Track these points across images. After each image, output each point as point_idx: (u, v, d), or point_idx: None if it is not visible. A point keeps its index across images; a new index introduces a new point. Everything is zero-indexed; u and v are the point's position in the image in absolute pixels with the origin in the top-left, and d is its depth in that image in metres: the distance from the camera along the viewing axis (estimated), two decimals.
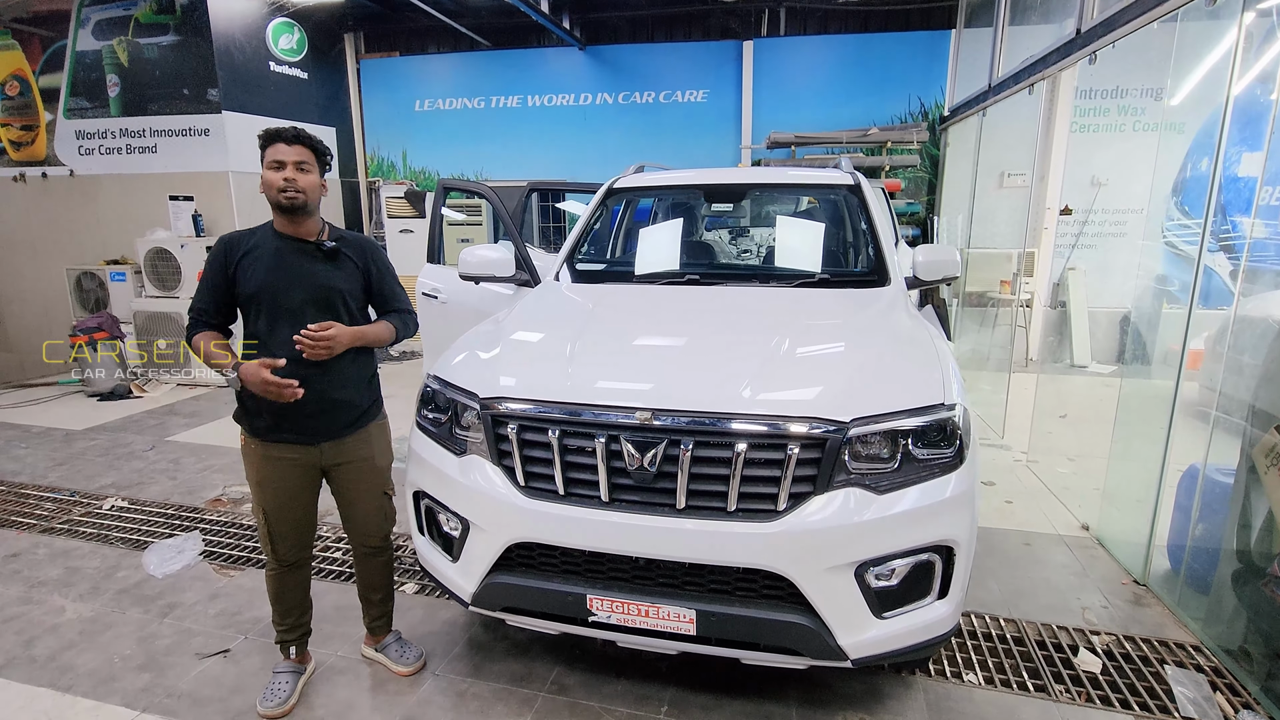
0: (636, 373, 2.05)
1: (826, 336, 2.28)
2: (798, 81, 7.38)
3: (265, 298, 2.05)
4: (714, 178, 3.48)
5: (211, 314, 2.10)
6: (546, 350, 2.25)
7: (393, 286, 2.32)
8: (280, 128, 2.05)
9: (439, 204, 4.11)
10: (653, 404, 1.87)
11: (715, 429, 1.82)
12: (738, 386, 1.91)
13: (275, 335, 2.06)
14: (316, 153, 2.09)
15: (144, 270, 6.52)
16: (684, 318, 2.52)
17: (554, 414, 1.94)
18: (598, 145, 7.86)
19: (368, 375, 2.28)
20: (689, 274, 3.01)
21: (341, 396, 2.17)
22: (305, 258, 2.11)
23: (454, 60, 8.03)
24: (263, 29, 6.89)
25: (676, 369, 2.05)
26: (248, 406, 2.12)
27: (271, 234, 2.11)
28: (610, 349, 2.27)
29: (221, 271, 2.07)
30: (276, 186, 2.02)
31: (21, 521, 3.68)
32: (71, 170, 7.04)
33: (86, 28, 6.64)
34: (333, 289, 2.13)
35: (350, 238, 2.23)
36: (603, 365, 2.14)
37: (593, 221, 3.58)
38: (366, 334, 2.17)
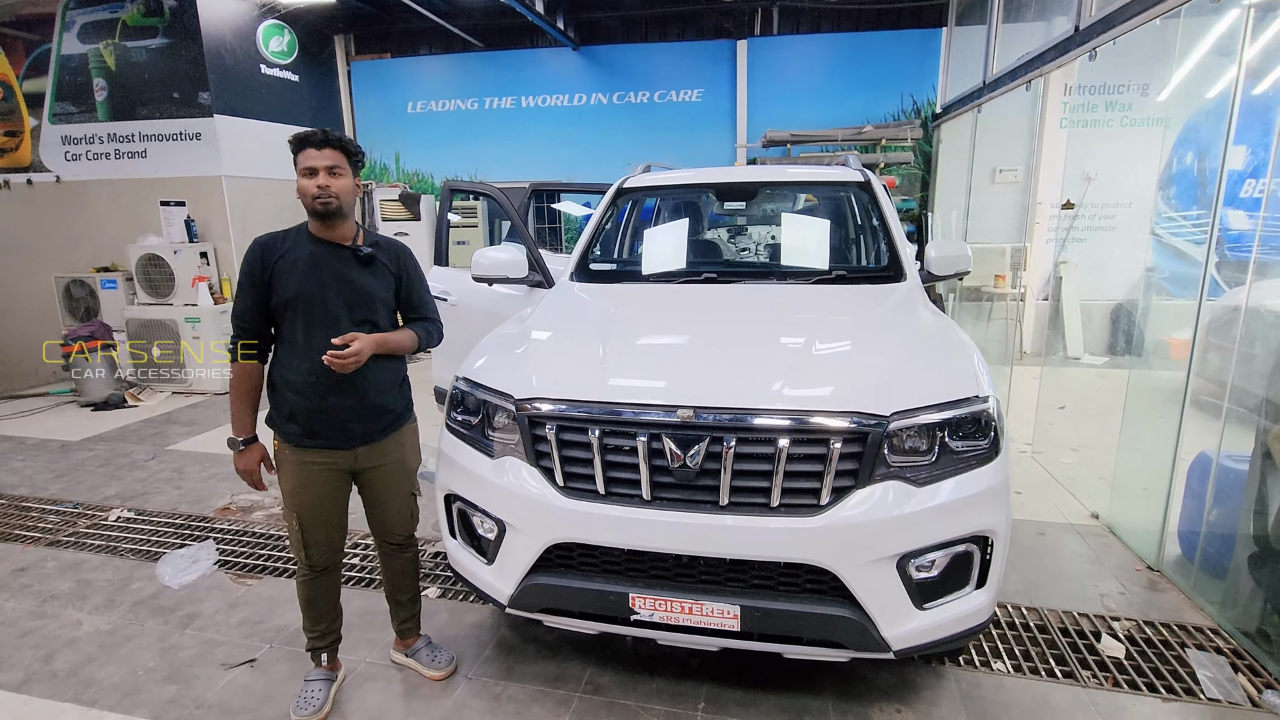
0: (673, 371, 2.06)
1: (855, 331, 2.30)
2: (792, 80, 7.42)
3: (302, 304, 2.04)
4: (726, 176, 3.50)
5: (254, 322, 2.08)
6: (578, 351, 2.25)
7: (422, 294, 2.31)
8: (309, 132, 2.03)
9: (445, 207, 4.09)
10: (695, 402, 1.88)
11: (758, 425, 1.83)
12: (777, 382, 1.93)
13: (312, 341, 2.05)
14: (348, 154, 2.07)
15: (136, 277, 6.42)
16: (709, 316, 2.53)
17: (594, 414, 1.94)
18: (593, 146, 7.86)
19: (399, 379, 2.28)
20: (705, 272, 3.02)
21: (378, 401, 2.16)
22: (341, 263, 2.09)
23: (446, 61, 7.99)
24: (253, 31, 6.81)
25: (713, 366, 2.06)
26: (283, 411, 2.11)
27: (306, 238, 2.09)
28: (642, 348, 2.28)
29: (260, 275, 2.05)
30: (310, 194, 2.00)
31: (26, 535, 3.61)
32: (58, 176, 6.92)
33: (71, 31, 6.52)
34: (370, 295, 2.12)
35: (385, 243, 2.23)
36: (638, 364, 2.15)
37: (604, 221, 3.58)
38: (389, 341, 2.15)
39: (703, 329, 2.39)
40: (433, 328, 2.34)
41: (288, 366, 2.08)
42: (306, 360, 2.05)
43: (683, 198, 4.21)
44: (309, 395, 2.06)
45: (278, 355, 2.13)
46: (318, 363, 2.01)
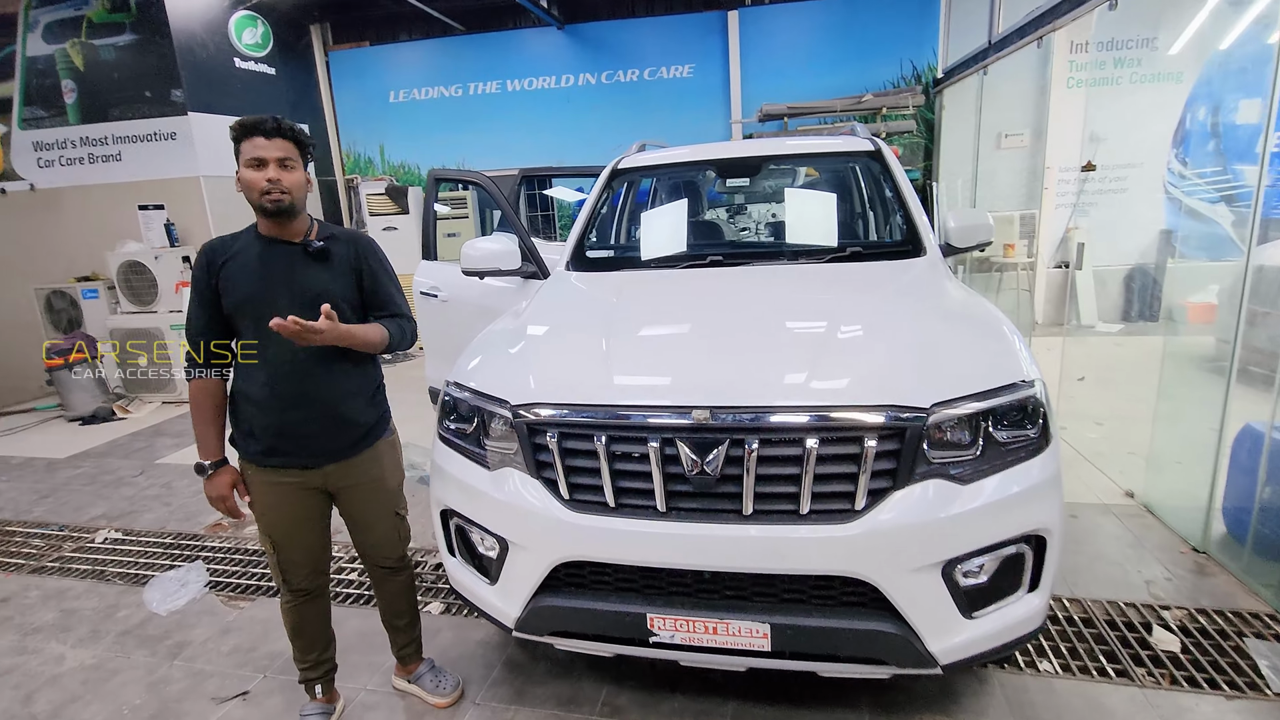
0: (684, 367, 1.86)
1: (879, 313, 2.10)
2: (786, 51, 7.16)
3: (251, 308, 1.84)
4: (727, 151, 3.28)
5: (209, 334, 1.89)
6: (578, 348, 2.06)
7: (388, 289, 2.07)
8: (258, 119, 1.80)
9: (431, 198, 3.88)
10: (711, 400, 1.69)
11: (782, 424, 1.64)
12: (800, 375, 1.74)
13: (267, 350, 1.86)
14: (300, 145, 1.86)
15: (118, 285, 6.20)
16: (719, 302, 2.33)
17: (599, 419, 1.75)
18: (582, 128, 7.60)
19: (372, 388, 2.06)
20: (709, 255, 2.81)
21: (344, 413, 1.96)
22: (292, 261, 1.89)
23: (427, 47, 7.71)
24: (224, 24, 6.54)
25: (728, 360, 1.86)
26: (242, 428, 1.93)
27: (255, 238, 1.90)
28: (648, 342, 2.08)
29: (206, 284, 1.87)
30: (259, 189, 1.78)
31: (9, 562, 3.44)
32: (32, 184, 6.68)
33: (36, 31, 6.26)
34: (327, 294, 1.89)
35: (341, 235, 2.00)
36: (645, 361, 1.96)
37: (599, 206, 3.37)
38: (355, 333, 1.88)
39: (712, 317, 2.19)
40: (406, 325, 2.09)
41: (245, 379, 1.90)
42: (262, 370, 1.87)
43: (681, 177, 4.00)
44: (267, 409, 1.88)
45: (235, 368, 1.94)
46: (275, 373, 1.84)
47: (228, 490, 1.92)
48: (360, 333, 1.92)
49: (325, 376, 1.89)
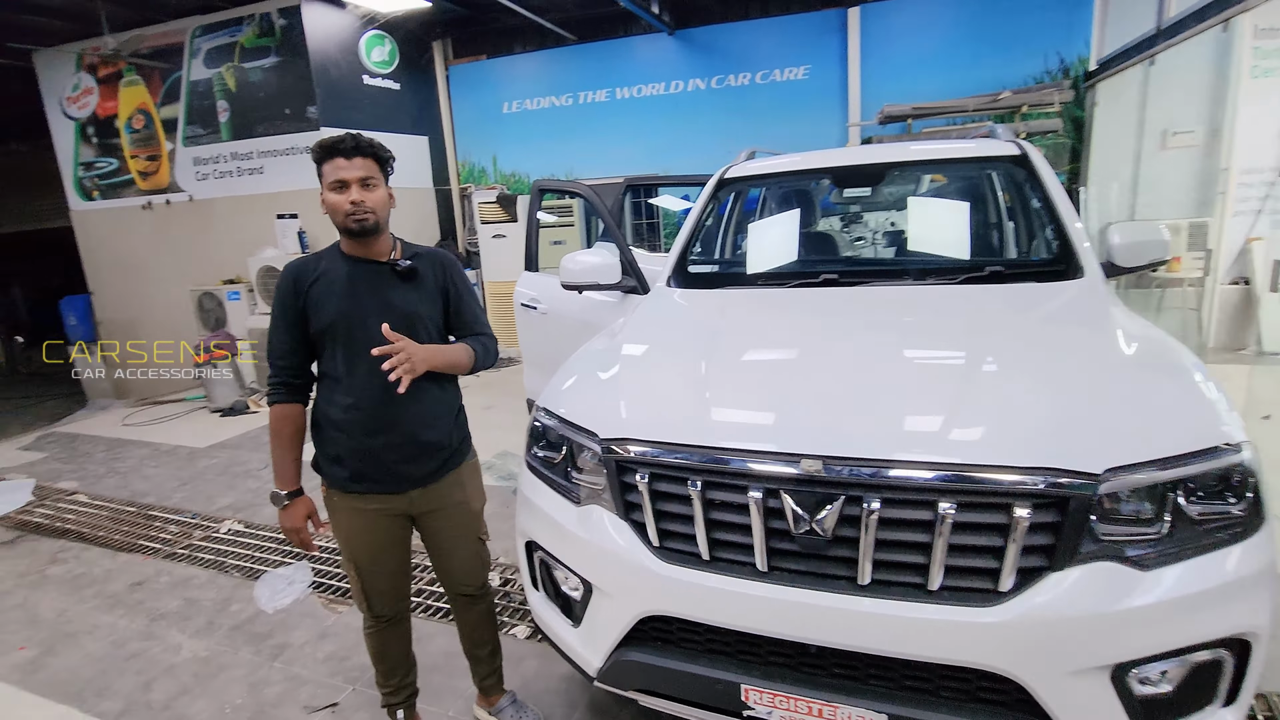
0: (792, 406, 1.65)
1: (1033, 349, 1.78)
2: (911, 48, 6.67)
3: (340, 330, 1.80)
4: (848, 158, 3.00)
5: (292, 357, 1.85)
6: (676, 377, 1.89)
7: (472, 308, 2.02)
8: (336, 139, 1.75)
9: (534, 208, 3.85)
10: (824, 449, 1.46)
11: (911, 484, 1.39)
12: (935, 423, 1.48)
13: (354, 373, 1.81)
14: (380, 161, 1.81)
15: (255, 288, 6.72)
16: (836, 329, 2.09)
17: (694, 461, 1.57)
18: (690, 134, 7.45)
19: (454, 410, 2.01)
20: (825, 273, 2.56)
21: (429, 437, 1.90)
22: (380, 281, 1.84)
23: (540, 58, 7.85)
24: (356, 43, 6.94)
25: (847, 400, 1.62)
26: (327, 453, 1.89)
27: (340, 258, 1.86)
28: (753, 374, 1.88)
29: (293, 305, 1.82)
30: (343, 210, 1.74)
31: (149, 545, 3.72)
32: (190, 195, 7.38)
33: (198, 57, 6.90)
34: (414, 314, 1.86)
35: (425, 254, 1.96)
36: (748, 396, 1.75)
37: (704, 217, 3.19)
38: (445, 353, 1.86)
39: (828, 347, 1.95)
40: (489, 344, 2.04)
41: (329, 402, 1.86)
42: (349, 394, 1.82)
43: (794, 186, 3.73)
44: (353, 433, 1.83)
45: (319, 391, 1.91)
46: (361, 396, 1.79)
47: (302, 522, 1.89)
48: (449, 354, 1.88)
49: (411, 400, 1.83)
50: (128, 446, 5.62)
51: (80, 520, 4.12)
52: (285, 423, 1.86)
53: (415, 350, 1.74)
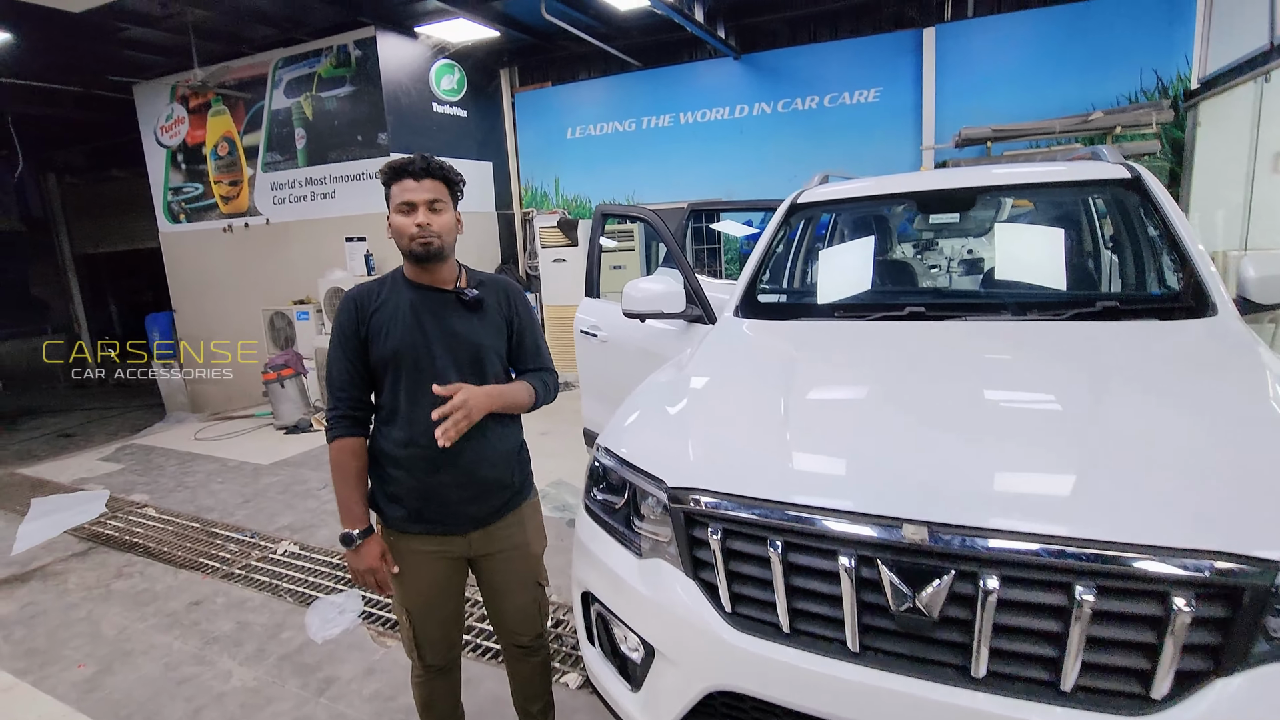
0: (892, 459, 1.45)
1: (1175, 399, 1.54)
2: (991, 68, 6.37)
3: (404, 361, 1.71)
4: (935, 181, 2.79)
5: (353, 388, 1.76)
6: (752, 419, 1.72)
7: (535, 341, 1.93)
8: (405, 159, 1.69)
9: (597, 233, 3.76)
10: (929, 514, 1.27)
11: (1039, 561, 1.18)
12: (1066, 489, 1.26)
13: (416, 406, 1.71)
14: (450, 184, 1.74)
15: (323, 309, 6.89)
16: (932, 369, 1.88)
17: (775, 519, 1.40)
18: (754, 159, 7.31)
19: (516, 447, 1.90)
20: (910, 305, 2.35)
21: (491, 475, 1.79)
22: (444, 310, 1.76)
23: (604, 85, 7.88)
24: (426, 72, 7.12)
25: (955, 455, 1.42)
26: (385, 491, 1.79)
27: (403, 284, 1.78)
28: (843, 419, 1.68)
29: (353, 334, 1.74)
30: (408, 234, 1.68)
31: (208, 564, 3.75)
32: (267, 219, 7.68)
33: (280, 88, 7.21)
34: (480, 346, 1.77)
35: (490, 281, 1.87)
36: (838, 445, 1.56)
37: (774, 244, 3.03)
38: (506, 395, 1.77)
39: (926, 390, 1.74)
40: (550, 379, 1.94)
41: (388, 437, 1.76)
42: (408, 429, 1.72)
43: (870, 212, 3.53)
44: (413, 470, 1.73)
45: (377, 424, 1.81)
46: (421, 432, 1.67)
47: (377, 562, 1.76)
48: (509, 395, 1.78)
49: (474, 436, 1.72)
50: (198, 461, 5.78)
51: (148, 534, 4.21)
52: (349, 458, 1.74)
53: (475, 398, 1.66)
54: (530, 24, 7.02)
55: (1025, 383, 1.72)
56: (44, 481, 5.39)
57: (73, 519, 4.49)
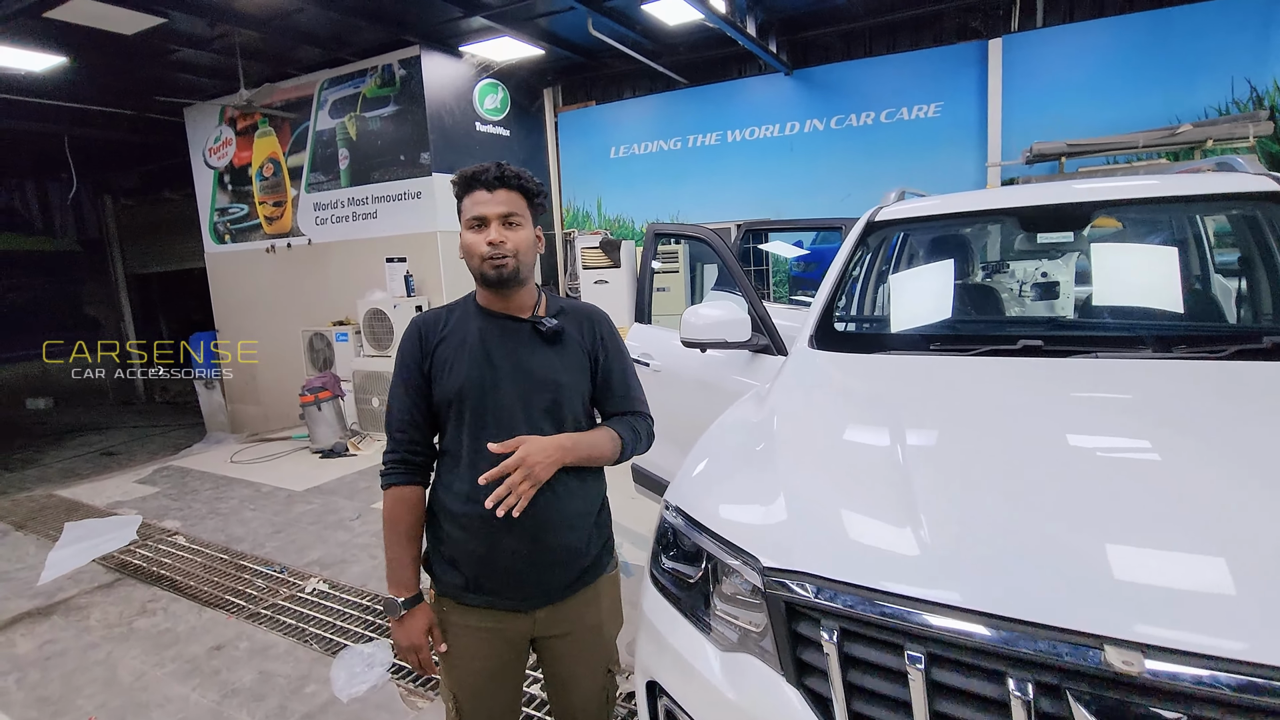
0: (1068, 549, 1.11)
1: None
2: (1062, 80, 5.98)
3: (470, 399, 1.47)
4: (1043, 196, 2.45)
5: (414, 429, 1.53)
6: (863, 482, 1.40)
7: (625, 378, 1.65)
8: (478, 168, 1.46)
9: (649, 254, 3.51)
10: (1138, 630, 0.93)
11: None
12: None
13: (481, 456, 1.44)
14: (528, 196, 1.49)
15: (362, 330, 6.78)
16: (1084, 422, 1.53)
17: (915, 623, 1.07)
18: (806, 178, 7.01)
19: (596, 507, 1.60)
20: (1025, 337, 2.00)
21: (563, 542, 1.51)
22: (519, 342, 1.52)
23: (649, 103, 7.70)
24: (470, 91, 7.03)
25: (1162, 545, 1.08)
26: (442, 553, 1.53)
27: (474, 311, 1.55)
28: (987, 489, 1.33)
29: (416, 367, 1.52)
30: (479, 253, 1.45)
31: (234, 602, 3.54)
32: (309, 239, 7.65)
33: (325, 108, 7.20)
34: (558, 385, 1.51)
35: (573, 309, 1.61)
36: (990, 526, 1.22)
37: (851, 266, 2.72)
38: (581, 444, 1.50)
39: (1087, 454, 1.40)
40: (641, 425, 1.65)
41: (448, 489, 1.51)
42: (471, 482, 1.45)
43: (952, 231, 3.20)
44: (477, 531, 1.46)
45: (438, 472, 1.56)
46: (486, 485, 1.40)
47: (422, 638, 1.50)
48: (587, 447, 1.51)
49: (548, 494, 1.46)
50: (232, 486, 5.65)
51: (175, 565, 4.03)
52: (403, 510, 1.51)
53: (539, 454, 1.40)
54: (576, 42, 6.89)
55: (1214, 444, 1.37)
56: (79, 504, 5.31)
57: (103, 546, 4.35)
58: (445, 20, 6.05)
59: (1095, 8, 5.92)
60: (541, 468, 1.41)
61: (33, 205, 11.97)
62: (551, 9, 5.98)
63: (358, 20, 5.78)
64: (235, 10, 5.51)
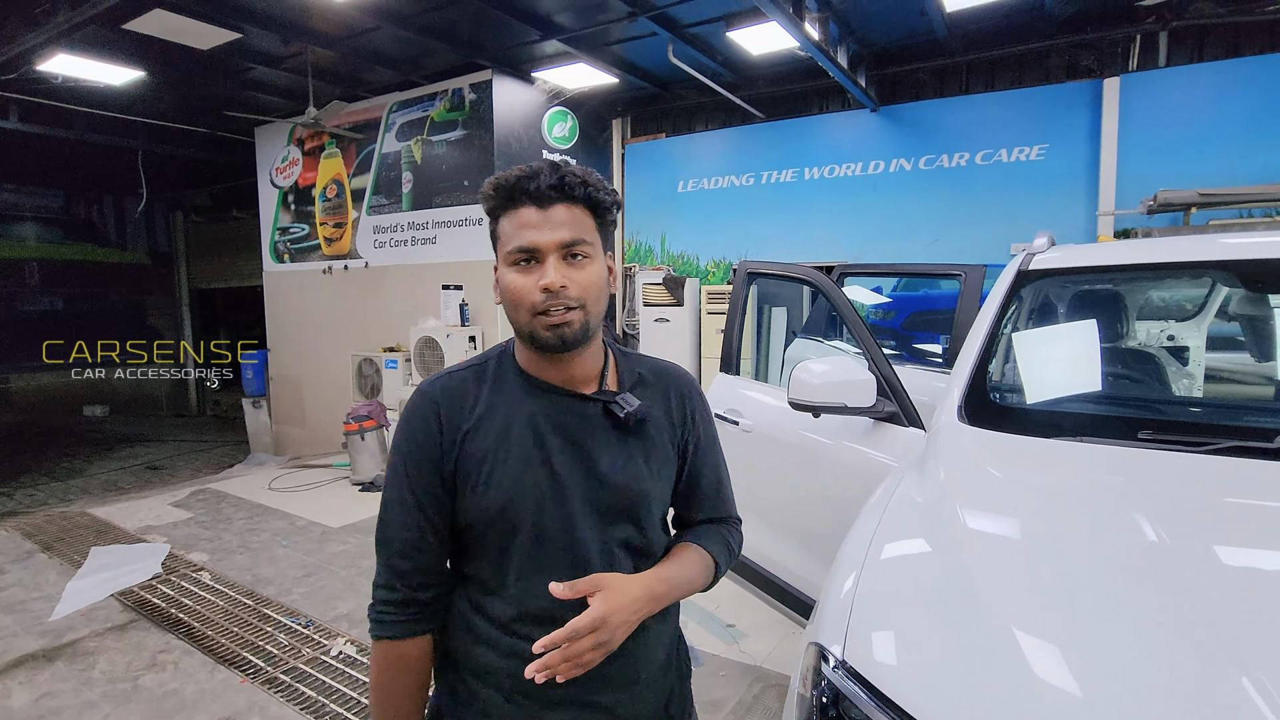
0: None
1: None
2: (1189, 125, 5.40)
3: (520, 524, 0.99)
4: (1264, 248, 1.93)
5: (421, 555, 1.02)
6: (1156, 651, 0.91)
7: (718, 474, 1.19)
8: (523, 172, 0.97)
9: (741, 295, 3.07)
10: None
11: None
12: None
13: (533, 595, 0.99)
14: (598, 211, 1.01)
15: (413, 358, 6.51)
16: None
17: None
18: (890, 220, 6.53)
19: (674, 642, 1.15)
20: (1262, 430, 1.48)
21: (642, 709, 1.06)
22: (590, 434, 1.03)
23: (722, 136, 7.38)
24: (539, 118, 6.83)
25: None
26: (458, 694, 1.06)
27: (515, 381, 1.05)
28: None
29: (433, 468, 1.01)
30: (528, 304, 0.97)
31: (251, 661, 3.15)
32: (366, 262, 7.49)
33: (392, 131, 7.09)
34: (640, 497, 1.04)
35: (654, 375, 1.13)
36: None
37: (1002, 324, 2.23)
38: (675, 589, 1.06)
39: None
40: (735, 538, 1.20)
41: (477, 630, 1.04)
42: (511, 633, 1.01)
43: (1112, 287, 2.67)
44: (514, 698, 1.00)
45: (461, 612, 1.06)
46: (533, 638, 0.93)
47: None
48: (677, 587, 1.06)
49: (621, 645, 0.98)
50: (267, 515, 5.35)
51: (196, 608, 3.68)
52: (402, 675, 1.03)
53: (620, 610, 0.94)
54: (651, 70, 6.64)
55: None
56: (110, 526, 5.07)
57: (125, 578, 4.05)
58: (519, 44, 5.86)
59: (1229, 47, 5.35)
60: (623, 630, 0.96)
61: (109, 218, 12.34)
62: (630, 35, 5.73)
63: (432, 41, 5.62)
64: (310, 28, 5.41)
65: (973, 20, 5.47)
